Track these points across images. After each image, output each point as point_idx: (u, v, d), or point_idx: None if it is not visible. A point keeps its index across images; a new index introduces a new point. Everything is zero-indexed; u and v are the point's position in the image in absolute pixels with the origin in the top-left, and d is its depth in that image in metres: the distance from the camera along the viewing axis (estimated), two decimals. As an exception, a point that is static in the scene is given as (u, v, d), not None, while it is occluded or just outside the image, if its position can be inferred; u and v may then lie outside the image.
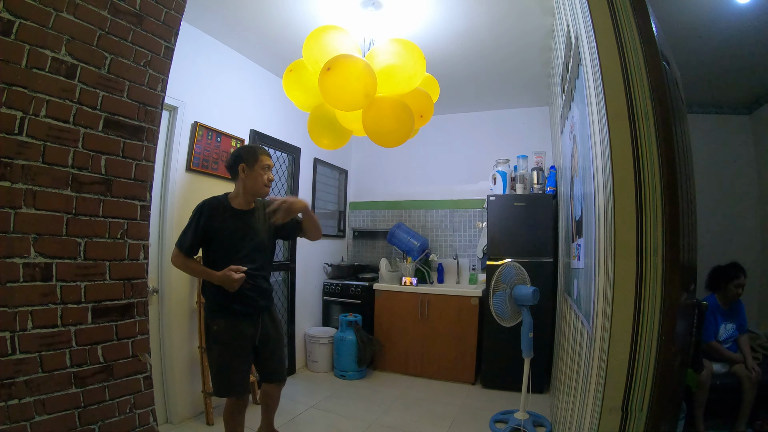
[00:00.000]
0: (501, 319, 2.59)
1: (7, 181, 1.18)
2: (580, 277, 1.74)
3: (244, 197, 1.98)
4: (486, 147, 4.17)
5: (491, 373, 3.42)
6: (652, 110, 1.04)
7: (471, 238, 4.20)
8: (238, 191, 2.00)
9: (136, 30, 1.49)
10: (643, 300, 1.02)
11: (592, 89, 1.32)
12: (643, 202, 1.03)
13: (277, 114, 3.51)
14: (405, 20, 2.61)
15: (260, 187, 1.96)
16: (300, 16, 2.60)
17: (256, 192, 1.98)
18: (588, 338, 1.42)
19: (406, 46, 2.05)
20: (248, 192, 1.98)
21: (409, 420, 2.80)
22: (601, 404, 1.11)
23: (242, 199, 1.99)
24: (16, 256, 1.20)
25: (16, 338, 1.20)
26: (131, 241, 1.50)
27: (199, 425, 2.57)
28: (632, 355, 1.04)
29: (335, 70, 1.88)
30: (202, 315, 2.61)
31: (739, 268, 2.64)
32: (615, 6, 1.14)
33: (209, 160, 2.83)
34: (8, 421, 1.16)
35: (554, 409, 2.65)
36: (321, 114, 2.32)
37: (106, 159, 1.42)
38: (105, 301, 1.42)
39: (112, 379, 1.42)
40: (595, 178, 1.31)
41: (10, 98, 1.18)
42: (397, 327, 3.76)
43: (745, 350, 2.58)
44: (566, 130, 2.29)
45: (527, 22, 2.59)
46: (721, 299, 2.66)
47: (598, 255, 1.26)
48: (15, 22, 1.18)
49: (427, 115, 2.28)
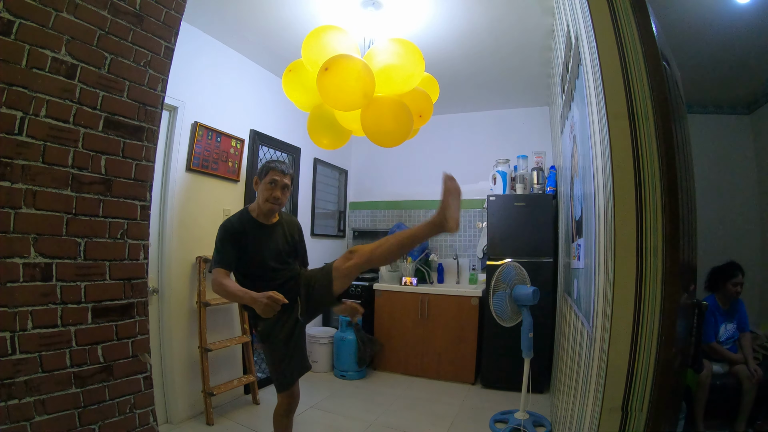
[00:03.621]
0: (501, 319, 2.59)
1: (7, 181, 1.18)
2: (580, 277, 1.74)
3: (259, 210, 1.96)
4: (486, 147, 4.17)
5: (491, 373, 3.42)
6: (652, 110, 1.04)
7: (471, 238, 4.20)
8: (254, 205, 1.99)
9: (136, 30, 1.49)
10: (643, 300, 1.02)
11: (592, 89, 1.32)
12: (643, 202, 1.03)
13: (277, 114, 3.51)
14: (405, 20, 2.61)
15: (263, 201, 1.92)
16: (300, 16, 2.60)
17: (261, 205, 1.94)
18: (588, 338, 1.42)
19: (405, 46, 2.05)
20: (259, 206, 1.95)
21: (409, 420, 2.80)
22: (601, 404, 1.10)
23: (257, 212, 1.96)
24: (16, 256, 1.20)
25: (16, 338, 1.20)
26: (131, 241, 1.50)
27: (199, 425, 2.57)
28: (632, 355, 1.03)
29: (333, 70, 1.88)
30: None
31: (736, 266, 2.64)
32: (615, 6, 1.14)
33: (209, 160, 2.83)
34: (8, 421, 1.16)
35: (554, 409, 2.65)
36: (321, 114, 2.32)
37: (106, 159, 1.42)
38: (105, 301, 1.42)
39: (112, 379, 1.42)
40: (595, 178, 1.31)
41: (10, 98, 1.18)
42: (397, 327, 3.76)
43: (746, 351, 2.57)
44: (566, 130, 2.29)
45: (527, 22, 2.59)
46: (721, 299, 2.66)
47: (598, 255, 1.26)
48: (15, 22, 1.18)
49: (427, 115, 2.28)
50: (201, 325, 2.64)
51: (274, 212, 1.98)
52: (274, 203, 1.92)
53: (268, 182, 1.91)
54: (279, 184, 1.92)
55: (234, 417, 2.72)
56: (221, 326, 2.90)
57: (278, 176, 1.92)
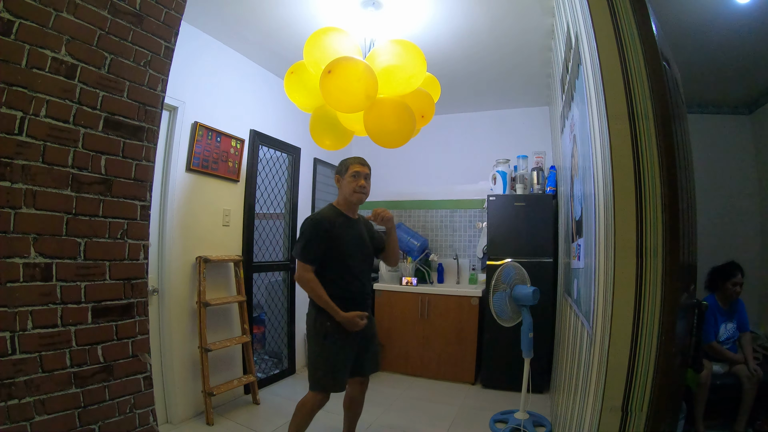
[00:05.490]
0: (501, 319, 2.59)
1: (7, 181, 1.18)
2: (580, 277, 1.74)
3: (345, 205, 2.09)
4: (486, 147, 4.17)
5: (491, 373, 3.42)
6: (652, 110, 1.04)
7: (471, 238, 4.20)
8: (339, 200, 2.12)
9: (136, 30, 1.49)
10: (643, 300, 1.02)
11: (592, 89, 1.32)
12: (643, 202, 1.03)
13: (277, 114, 3.51)
14: (405, 20, 2.61)
15: (350, 192, 2.04)
16: (300, 16, 2.60)
17: (348, 197, 2.06)
18: (588, 338, 1.42)
19: (407, 47, 2.05)
20: (345, 199, 2.08)
21: (409, 420, 2.80)
22: (601, 404, 1.10)
23: (345, 206, 2.09)
24: (16, 256, 1.20)
25: (16, 338, 1.20)
26: (131, 241, 1.50)
27: (199, 425, 2.57)
28: (632, 355, 1.03)
29: (336, 73, 1.88)
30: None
31: (736, 266, 2.64)
32: (615, 6, 1.14)
33: (209, 160, 2.83)
34: (8, 421, 1.16)
35: (554, 409, 2.65)
36: (323, 115, 2.32)
37: (106, 159, 1.42)
38: (105, 301, 1.42)
39: (112, 379, 1.42)
40: (595, 178, 1.31)
41: (10, 98, 1.18)
42: (397, 327, 3.76)
43: (746, 351, 2.57)
44: (566, 130, 2.29)
45: (527, 22, 2.59)
46: (721, 299, 2.66)
47: (598, 255, 1.26)
48: (15, 22, 1.18)
49: (429, 115, 2.28)
50: (201, 325, 2.64)
51: (362, 201, 2.10)
52: (362, 192, 2.05)
53: (351, 175, 2.05)
54: (361, 174, 2.06)
55: (234, 417, 2.72)
56: (221, 326, 2.90)
57: (360, 168, 2.07)
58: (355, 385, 2.16)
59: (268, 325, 3.61)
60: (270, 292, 3.61)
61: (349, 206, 2.09)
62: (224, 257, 2.89)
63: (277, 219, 3.65)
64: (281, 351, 3.65)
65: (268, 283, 3.60)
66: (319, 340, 1.98)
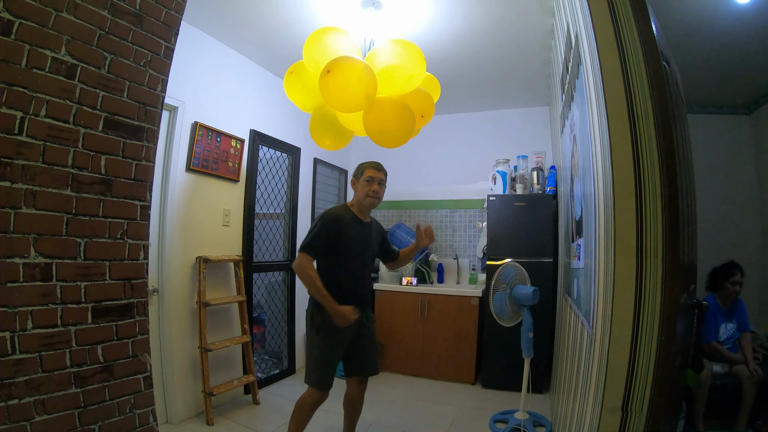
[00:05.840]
0: (501, 319, 2.59)
1: (7, 181, 1.18)
2: (580, 277, 1.74)
3: (358, 208, 2.12)
4: (486, 147, 4.17)
5: (491, 373, 3.42)
6: (652, 110, 1.04)
7: (471, 238, 4.20)
8: (353, 202, 2.16)
9: (136, 30, 1.49)
10: (643, 300, 1.02)
11: (592, 89, 1.32)
12: (643, 202, 1.03)
13: (277, 114, 3.51)
14: (405, 20, 2.61)
15: (363, 196, 2.09)
16: (300, 16, 2.60)
17: (361, 201, 2.10)
18: (588, 338, 1.42)
19: (406, 47, 2.05)
20: (359, 202, 2.12)
21: (409, 420, 2.80)
22: (601, 404, 1.11)
23: (357, 209, 2.13)
24: (16, 256, 1.20)
25: (16, 338, 1.20)
26: (131, 241, 1.50)
27: (199, 425, 2.57)
28: (632, 355, 1.03)
29: (335, 73, 1.88)
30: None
31: (735, 266, 2.64)
32: (615, 6, 1.14)
33: (209, 160, 2.83)
34: (8, 421, 1.16)
35: (554, 409, 2.65)
36: (322, 115, 2.32)
37: (106, 159, 1.42)
38: (105, 301, 1.42)
39: (112, 379, 1.42)
40: (595, 178, 1.31)
41: (10, 98, 1.18)
42: (397, 327, 3.76)
43: (746, 351, 2.57)
44: (566, 130, 2.29)
45: (527, 22, 2.59)
46: (721, 299, 2.66)
47: (598, 255, 1.26)
48: (15, 22, 1.18)
49: (428, 115, 2.28)
50: (201, 325, 2.64)
51: (374, 206, 2.15)
52: (374, 197, 2.10)
53: (365, 179, 2.10)
54: (376, 179, 2.10)
55: (234, 417, 2.72)
56: (221, 326, 2.90)
57: (374, 173, 2.11)
58: (354, 385, 2.17)
59: (268, 325, 3.61)
60: (270, 292, 3.61)
61: (361, 209, 2.12)
62: (224, 257, 2.89)
63: (277, 219, 3.65)
64: (281, 351, 3.65)
65: (268, 283, 3.60)
66: (312, 333, 2.02)
